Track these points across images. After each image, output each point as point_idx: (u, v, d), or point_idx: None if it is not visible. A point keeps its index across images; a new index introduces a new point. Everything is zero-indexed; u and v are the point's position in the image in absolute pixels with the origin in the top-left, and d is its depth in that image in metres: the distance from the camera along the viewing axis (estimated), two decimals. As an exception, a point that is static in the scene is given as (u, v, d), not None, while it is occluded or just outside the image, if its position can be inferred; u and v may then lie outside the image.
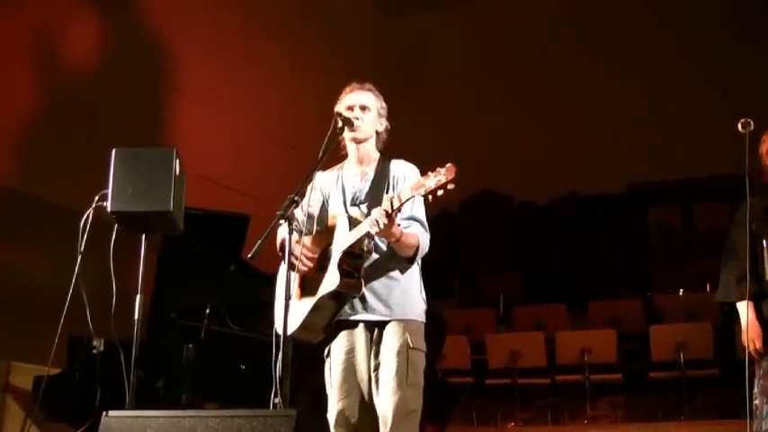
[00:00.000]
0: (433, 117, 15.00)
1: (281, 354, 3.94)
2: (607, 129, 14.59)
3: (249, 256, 4.02)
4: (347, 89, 4.67)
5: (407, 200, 4.00)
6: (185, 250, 6.76)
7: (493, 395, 10.78)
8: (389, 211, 4.01)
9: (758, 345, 4.78)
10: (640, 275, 13.82)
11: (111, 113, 9.79)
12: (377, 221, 4.05)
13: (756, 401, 4.79)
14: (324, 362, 4.52)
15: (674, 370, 9.70)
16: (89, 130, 9.43)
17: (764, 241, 4.89)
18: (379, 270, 4.36)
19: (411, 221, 4.39)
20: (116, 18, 10.43)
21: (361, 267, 4.28)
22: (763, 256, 4.83)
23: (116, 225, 4.70)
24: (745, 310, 4.88)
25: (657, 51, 14.57)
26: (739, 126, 4.73)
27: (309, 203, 4.57)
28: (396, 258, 4.35)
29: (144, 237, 4.74)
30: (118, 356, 4.62)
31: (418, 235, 4.35)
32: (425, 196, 3.94)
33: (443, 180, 3.87)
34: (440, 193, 3.91)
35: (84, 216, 4.68)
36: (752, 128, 4.69)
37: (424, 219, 4.44)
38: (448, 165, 3.89)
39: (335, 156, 4.68)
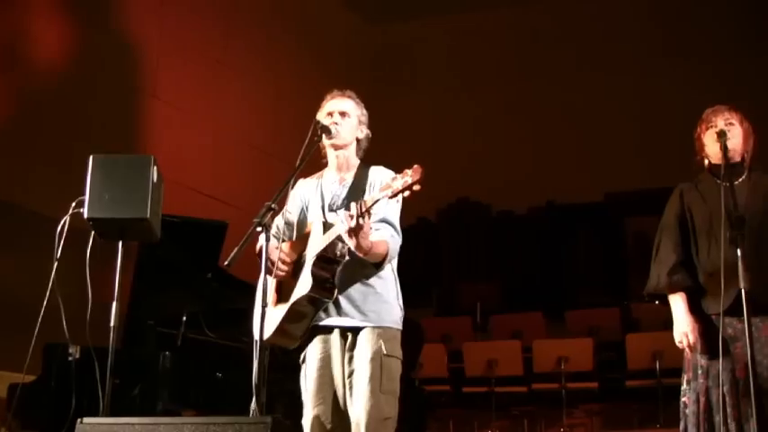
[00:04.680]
0: (411, 125, 15.01)
1: (256, 360, 3.93)
2: (584, 138, 14.63)
3: (226, 263, 4.02)
4: (328, 96, 4.67)
5: (375, 202, 3.99)
6: (162, 257, 6.73)
7: (470, 403, 10.80)
8: (360, 214, 4.01)
9: (692, 339, 4.65)
10: (617, 284, 13.88)
11: (88, 119, 9.76)
12: (345, 224, 4.04)
13: (684, 399, 4.73)
14: (300, 368, 4.51)
15: (650, 378, 9.74)
16: (65, 137, 9.40)
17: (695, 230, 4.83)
18: (354, 276, 4.35)
19: (382, 224, 4.38)
20: (93, 23, 10.39)
21: (333, 272, 4.28)
22: (697, 247, 4.80)
23: (93, 232, 4.68)
24: (677, 302, 4.76)
25: (635, 63, 14.64)
26: (715, 136, 4.74)
27: (289, 211, 4.59)
28: (369, 265, 4.35)
29: (120, 244, 4.72)
30: (93, 364, 4.61)
31: (387, 240, 4.33)
32: (393, 197, 3.94)
33: (410, 181, 3.87)
34: (407, 193, 3.91)
35: (61, 223, 4.67)
36: (727, 138, 4.69)
37: (395, 222, 4.43)
38: (415, 166, 3.89)
39: (317, 164, 4.69)
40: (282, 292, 4.44)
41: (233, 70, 12.31)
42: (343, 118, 4.57)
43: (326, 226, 4.29)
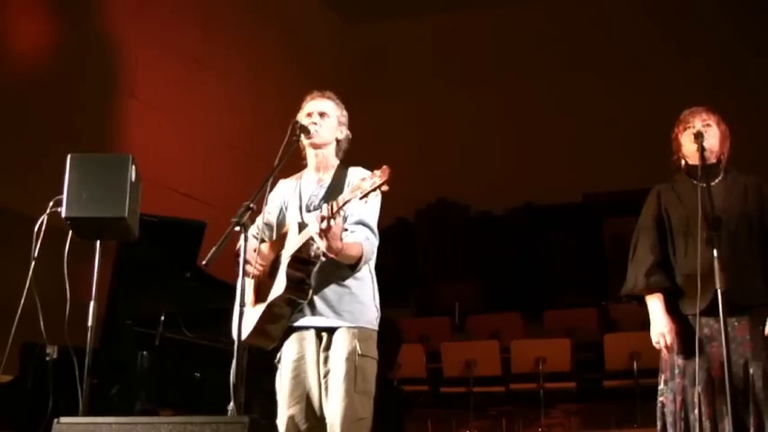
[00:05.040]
0: (391, 126, 15.02)
1: (234, 360, 3.92)
2: (563, 140, 14.69)
3: (204, 263, 4.01)
4: (308, 97, 4.68)
5: (345, 203, 4.00)
6: (141, 257, 6.71)
7: (448, 403, 10.82)
8: (328, 215, 4.02)
9: (669, 339, 4.66)
10: (595, 285, 13.95)
11: (67, 119, 9.72)
12: (317, 224, 4.05)
13: (661, 399, 4.75)
14: (276, 368, 4.52)
15: (627, 378, 9.77)
16: (43, 136, 9.35)
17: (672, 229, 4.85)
18: (329, 276, 4.36)
19: (358, 226, 4.39)
20: (71, 22, 10.35)
21: (308, 272, 4.29)
22: (674, 248, 4.83)
23: (70, 231, 4.66)
24: (653, 303, 4.78)
25: (613, 65, 14.69)
26: (692, 137, 4.76)
27: (269, 211, 4.59)
28: (343, 265, 4.35)
29: (98, 243, 4.71)
30: (71, 364, 4.60)
31: (361, 243, 4.33)
32: (362, 198, 3.95)
33: (378, 182, 3.87)
34: (377, 194, 3.92)
35: (39, 222, 4.65)
36: (704, 139, 4.71)
37: (372, 223, 4.43)
38: (383, 167, 3.90)
39: (297, 164, 4.69)
40: (260, 293, 4.44)
41: (212, 70, 12.28)
42: (323, 118, 4.57)
43: (302, 227, 4.29)
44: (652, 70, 14.29)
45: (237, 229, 4.05)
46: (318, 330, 4.38)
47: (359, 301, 4.41)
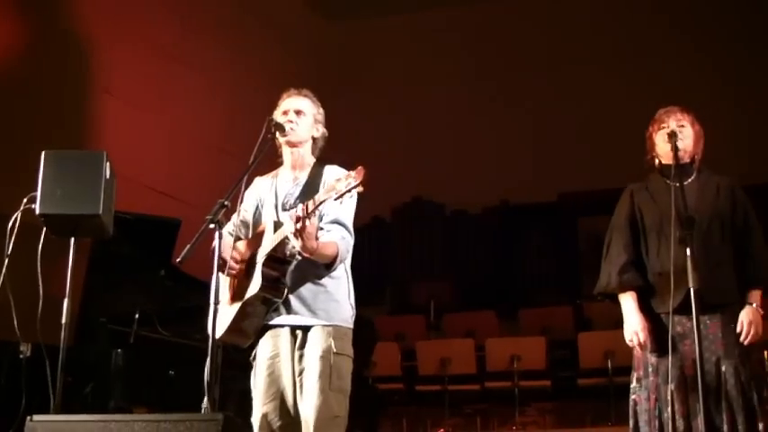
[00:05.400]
0: (367, 124, 15.01)
1: (208, 358, 3.92)
2: (538, 139, 14.72)
3: (178, 260, 4.01)
4: (284, 95, 4.68)
5: (320, 203, 4.01)
6: (115, 254, 6.70)
7: (423, 401, 10.83)
8: (303, 215, 4.03)
9: (642, 337, 4.69)
10: (570, 284, 13.97)
11: (41, 116, 9.66)
12: (294, 223, 4.06)
13: (634, 397, 4.78)
14: (251, 366, 4.52)
15: (602, 377, 9.81)
16: (18, 133, 9.30)
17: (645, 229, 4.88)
18: (304, 275, 4.37)
19: (334, 225, 4.40)
20: (45, 18, 10.28)
21: (284, 271, 4.30)
22: (647, 247, 4.85)
23: (44, 228, 4.65)
24: (627, 301, 4.81)
25: (588, 65, 14.72)
26: (666, 137, 4.79)
27: (245, 209, 4.58)
28: (319, 264, 4.36)
29: (73, 240, 4.69)
30: (45, 361, 4.58)
31: (337, 242, 4.34)
32: (337, 199, 3.96)
33: (353, 183, 3.89)
34: (353, 195, 3.94)
35: (12, 219, 4.63)
36: (678, 139, 4.74)
37: (348, 222, 4.45)
38: (358, 167, 3.91)
39: (274, 162, 4.69)
40: (236, 291, 4.45)
41: (189, 67, 12.23)
42: (299, 116, 4.57)
43: (277, 225, 4.30)
44: (626, 72, 14.34)
45: (212, 226, 4.05)
46: (293, 328, 4.39)
47: (334, 300, 4.42)
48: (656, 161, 4.94)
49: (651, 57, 14.33)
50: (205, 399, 3.85)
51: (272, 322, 4.40)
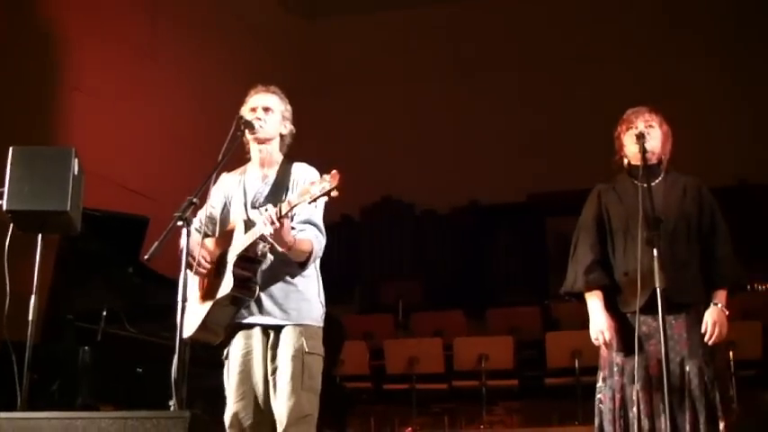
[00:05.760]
0: (337, 122, 15.01)
1: (176, 356, 3.92)
2: (507, 139, 14.75)
3: (146, 257, 4.00)
4: (252, 92, 4.69)
5: (294, 206, 4.02)
6: (83, 251, 6.67)
7: (391, 400, 10.83)
8: (279, 217, 4.03)
9: (608, 337, 4.72)
10: (538, 283, 14.02)
11: (8, 111, 9.58)
12: (266, 226, 4.07)
13: (599, 396, 4.80)
14: (223, 365, 4.52)
15: (569, 376, 9.85)
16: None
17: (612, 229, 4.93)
18: (276, 274, 4.38)
19: (306, 225, 4.41)
20: (12, 12, 10.19)
21: (255, 271, 4.31)
22: (614, 247, 4.86)
23: (11, 224, 4.62)
24: (593, 301, 4.84)
25: (556, 67, 14.79)
26: (634, 138, 4.82)
27: (212, 205, 4.58)
28: (292, 264, 4.37)
29: (40, 236, 4.68)
30: (11, 358, 4.56)
31: (312, 240, 4.37)
32: (311, 203, 3.97)
33: (328, 187, 3.90)
34: (325, 198, 3.94)
35: (-21, 215, 4.61)
36: (646, 140, 4.77)
37: (320, 222, 4.47)
38: (333, 172, 3.92)
39: (241, 158, 4.69)
40: (206, 289, 4.45)
41: (160, 64, 12.18)
42: (267, 113, 4.58)
43: (248, 225, 4.30)
44: (594, 74, 14.41)
45: (180, 223, 4.04)
46: (266, 328, 4.40)
47: (305, 299, 4.44)
48: (625, 162, 4.97)
49: (619, 57, 14.42)
50: (172, 396, 3.85)
51: (244, 321, 4.41)
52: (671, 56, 14.15)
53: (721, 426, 4.49)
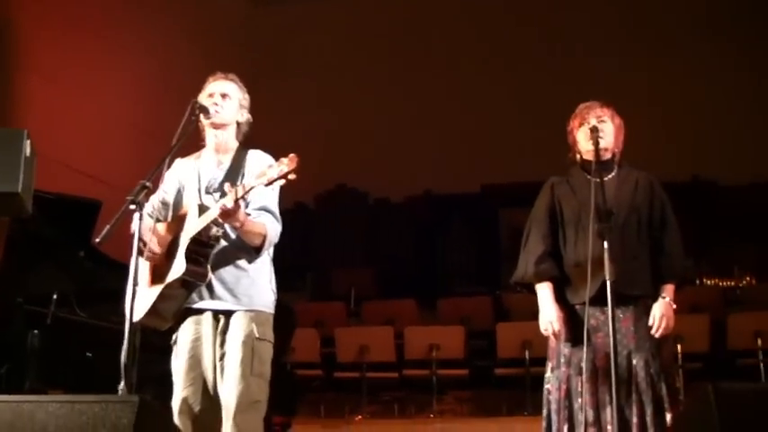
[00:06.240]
0: (293, 109, 14.98)
1: (126, 340, 3.90)
2: (463, 130, 14.79)
3: (97, 240, 3.98)
4: (211, 78, 4.68)
5: (251, 189, 4.02)
6: (34, 234, 6.61)
7: (341, 388, 10.85)
8: (235, 200, 4.03)
9: (557, 328, 4.76)
10: (490, 274, 14.10)
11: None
12: (220, 209, 4.07)
13: (547, 386, 4.84)
14: (171, 350, 4.50)
15: (519, 367, 9.91)
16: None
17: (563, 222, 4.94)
18: (228, 259, 4.38)
19: (261, 212, 4.41)
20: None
21: (208, 255, 4.30)
22: (565, 239, 4.90)
23: (-39, 206, 4.59)
24: (543, 291, 4.88)
25: (513, 58, 14.85)
26: (587, 133, 4.85)
27: (165, 190, 4.56)
28: (246, 249, 4.38)
29: (-10, 219, 4.64)
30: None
31: (266, 224, 4.37)
32: (268, 185, 3.97)
33: (285, 170, 3.90)
34: (282, 182, 3.94)
35: (-72, 196, 4.56)
36: (599, 135, 4.80)
37: (275, 209, 4.47)
38: (291, 155, 3.92)
39: (197, 145, 4.68)
40: (156, 273, 4.43)
41: (116, 47, 12.09)
42: (224, 99, 4.58)
43: (202, 209, 4.29)
44: (549, 66, 14.48)
45: (133, 207, 4.03)
46: (216, 313, 4.40)
47: (256, 284, 4.44)
48: (578, 156, 5.00)
49: (575, 52, 14.49)
50: (121, 381, 3.84)
51: (194, 306, 4.40)
52: (625, 51, 14.25)
53: (668, 417, 4.54)
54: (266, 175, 3.95)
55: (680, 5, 14.32)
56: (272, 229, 4.41)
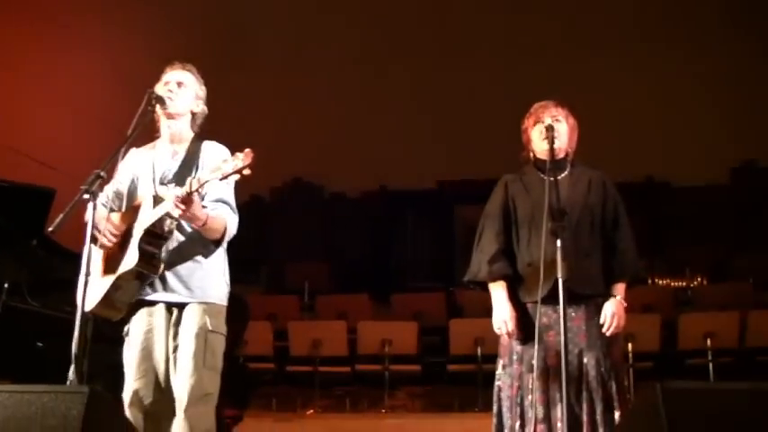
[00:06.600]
0: (250, 102, 14.92)
1: (77, 331, 3.88)
2: (419, 126, 14.81)
3: (50, 229, 3.96)
4: (168, 68, 4.67)
5: (204, 183, 4.01)
6: (-15, 222, 6.56)
7: (293, 382, 10.83)
8: (188, 193, 4.02)
9: (510, 326, 4.78)
10: (444, 270, 14.14)
11: None
12: (177, 202, 4.06)
13: (498, 383, 4.87)
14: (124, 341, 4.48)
15: (471, 363, 9.94)
16: None
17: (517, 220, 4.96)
18: (183, 252, 4.37)
19: (218, 204, 4.40)
20: None
21: (161, 247, 4.29)
22: (518, 237, 4.93)
23: None
24: (496, 290, 4.89)
25: (470, 53, 14.88)
26: (541, 132, 4.88)
27: (119, 180, 4.54)
28: (201, 242, 4.37)
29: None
30: None
31: (225, 218, 4.37)
32: (222, 179, 3.96)
33: (240, 165, 3.90)
34: (237, 176, 3.94)
35: None
36: (555, 133, 4.83)
37: (232, 201, 4.47)
38: (246, 150, 3.91)
39: (153, 135, 4.66)
40: (110, 264, 4.40)
41: (73, 36, 12.00)
42: (180, 88, 4.57)
43: (157, 200, 4.27)
44: (508, 64, 14.54)
45: (86, 197, 4.00)
46: (169, 305, 4.38)
47: (210, 277, 4.43)
48: (531, 155, 5.03)
49: (532, 51, 14.55)
50: (71, 371, 3.81)
51: (147, 297, 4.38)
52: (583, 51, 14.33)
53: (617, 415, 4.59)
54: (221, 169, 3.94)
55: (613, 5, 14.42)
56: (231, 221, 4.42)
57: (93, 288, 4.24)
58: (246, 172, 3.90)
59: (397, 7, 15.31)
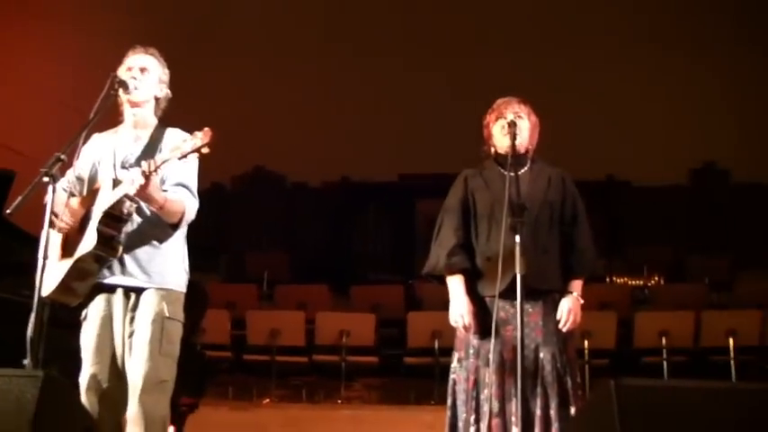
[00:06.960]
0: (214, 89, 14.87)
1: (33, 315, 3.86)
2: (382, 118, 14.83)
3: (7, 211, 3.93)
4: (130, 52, 4.62)
5: (164, 162, 3.99)
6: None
7: (250, 371, 10.82)
8: (146, 173, 4.00)
9: (467, 320, 4.80)
10: (404, 263, 14.17)
11: None
12: (133, 182, 4.04)
13: (454, 376, 4.90)
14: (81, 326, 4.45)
15: (428, 356, 9.97)
16: None
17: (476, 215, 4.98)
18: (142, 236, 4.34)
19: (178, 187, 4.38)
20: None
21: (120, 230, 4.25)
22: (477, 232, 4.95)
23: None
24: (454, 284, 4.92)
25: (433, 48, 14.90)
26: (503, 128, 4.91)
27: (80, 165, 4.51)
28: (160, 226, 4.35)
29: None
30: None
31: (184, 201, 4.35)
32: (182, 158, 3.94)
33: (199, 144, 3.89)
34: (196, 156, 3.93)
35: None
36: (516, 129, 4.86)
37: (192, 185, 4.45)
38: (205, 129, 3.91)
39: (115, 120, 4.63)
40: (68, 247, 4.37)
41: (38, 17, 11.90)
42: (143, 74, 4.54)
43: (116, 183, 4.24)
44: (472, 59, 14.57)
45: (46, 179, 3.98)
46: (127, 290, 4.35)
47: (168, 263, 4.41)
48: (492, 150, 5.06)
49: (498, 48, 14.59)
50: (27, 355, 3.79)
51: (105, 281, 4.35)
52: (546, 49, 14.39)
53: (572, 410, 4.63)
54: (180, 148, 3.93)
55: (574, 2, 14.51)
56: (190, 205, 4.39)
57: (50, 272, 4.21)
58: (205, 150, 3.89)
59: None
